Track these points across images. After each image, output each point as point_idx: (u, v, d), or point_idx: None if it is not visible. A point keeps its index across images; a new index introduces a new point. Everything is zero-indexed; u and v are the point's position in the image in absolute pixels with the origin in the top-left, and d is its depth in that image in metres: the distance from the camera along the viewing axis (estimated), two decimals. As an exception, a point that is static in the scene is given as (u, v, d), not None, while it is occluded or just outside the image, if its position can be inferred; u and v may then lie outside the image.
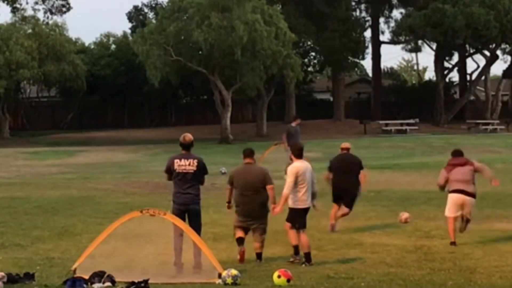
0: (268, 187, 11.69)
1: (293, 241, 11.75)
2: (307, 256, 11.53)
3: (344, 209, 14.95)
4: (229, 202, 12.14)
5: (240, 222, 11.85)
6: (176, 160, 11.12)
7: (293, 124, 25.18)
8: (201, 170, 11.15)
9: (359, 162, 15.02)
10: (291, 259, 11.74)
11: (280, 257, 12.08)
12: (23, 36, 50.90)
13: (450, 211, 13.12)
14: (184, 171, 11.03)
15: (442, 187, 13.33)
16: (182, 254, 10.65)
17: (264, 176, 11.82)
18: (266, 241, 12.07)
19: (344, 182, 14.73)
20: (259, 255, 11.90)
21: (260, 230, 11.81)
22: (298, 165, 11.68)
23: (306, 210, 11.76)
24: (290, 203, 11.66)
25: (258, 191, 11.69)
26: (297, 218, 11.64)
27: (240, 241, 11.84)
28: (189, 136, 11.21)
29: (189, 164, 11.04)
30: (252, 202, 11.69)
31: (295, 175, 11.52)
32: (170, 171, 11.20)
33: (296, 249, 11.76)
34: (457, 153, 13.37)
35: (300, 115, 27.58)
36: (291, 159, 12.12)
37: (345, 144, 15.34)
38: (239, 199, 11.80)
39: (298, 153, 11.89)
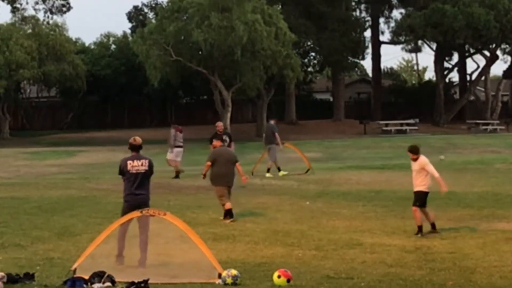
0: (237, 164, 16.48)
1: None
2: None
3: None
4: (204, 174, 16.70)
5: (223, 187, 16.15)
6: (129, 162, 11.75)
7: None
8: (151, 169, 11.82)
9: None
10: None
11: (280, 257, 12.08)
12: (23, 36, 50.87)
13: None
14: (137, 171, 11.66)
15: None
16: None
17: (234, 155, 16.95)
18: (266, 241, 13.28)
19: None
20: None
21: (229, 191, 16.38)
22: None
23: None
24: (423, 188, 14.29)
25: (232, 164, 16.39)
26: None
27: (231, 212, 15.82)
28: (139, 138, 12.00)
29: (142, 165, 11.70)
30: (230, 171, 16.33)
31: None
32: (123, 173, 11.81)
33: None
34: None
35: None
36: None
37: None
38: (222, 171, 16.17)
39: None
